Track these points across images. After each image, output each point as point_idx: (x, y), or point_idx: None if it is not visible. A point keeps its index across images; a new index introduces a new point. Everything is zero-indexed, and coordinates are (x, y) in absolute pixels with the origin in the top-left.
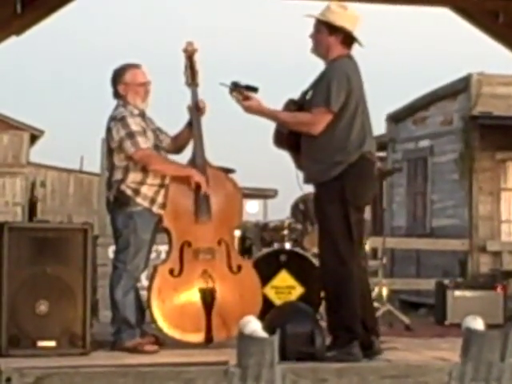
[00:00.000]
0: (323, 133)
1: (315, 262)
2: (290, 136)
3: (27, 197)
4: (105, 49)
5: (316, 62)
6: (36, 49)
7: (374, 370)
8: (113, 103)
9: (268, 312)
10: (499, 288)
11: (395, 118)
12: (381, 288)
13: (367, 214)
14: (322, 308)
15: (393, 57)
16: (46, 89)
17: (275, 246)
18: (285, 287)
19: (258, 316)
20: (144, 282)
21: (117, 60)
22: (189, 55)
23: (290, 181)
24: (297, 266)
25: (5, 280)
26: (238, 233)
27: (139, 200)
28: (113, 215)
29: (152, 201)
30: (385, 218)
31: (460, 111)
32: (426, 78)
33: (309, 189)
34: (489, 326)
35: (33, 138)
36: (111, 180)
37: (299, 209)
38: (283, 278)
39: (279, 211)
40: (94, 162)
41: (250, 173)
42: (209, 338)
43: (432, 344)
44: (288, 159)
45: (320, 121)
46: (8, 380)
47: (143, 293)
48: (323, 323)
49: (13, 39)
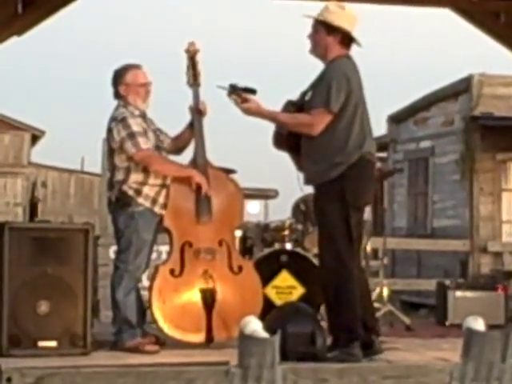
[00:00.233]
0: (323, 134)
1: (316, 263)
2: (290, 137)
3: (28, 197)
4: (106, 49)
5: (315, 63)
6: (37, 49)
7: (375, 371)
8: (113, 103)
9: (269, 312)
10: (500, 288)
11: (396, 119)
12: (382, 288)
13: (368, 215)
14: (323, 308)
15: (394, 57)
16: (47, 89)
17: (276, 247)
18: (285, 287)
19: (259, 316)
20: (145, 282)
21: (118, 60)
22: (191, 55)
23: (291, 181)
24: (298, 267)
25: (5, 280)
26: (239, 233)
27: (141, 200)
28: (114, 215)
29: (153, 201)
30: (386, 219)
31: (461, 112)
32: (427, 79)
33: (309, 189)
34: (490, 327)
35: (34, 139)
36: (113, 180)
37: (300, 209)
38: (284, 279)
39: (280, 212)
40: (95, 163)
41: (251, 173)
42: (209, 339)
43: (433, 344)
44: (288, 160)
45: (319, 121)
46: (9, 380)
47: (144, 293)
48: (324, 323)
49: (14, 39)
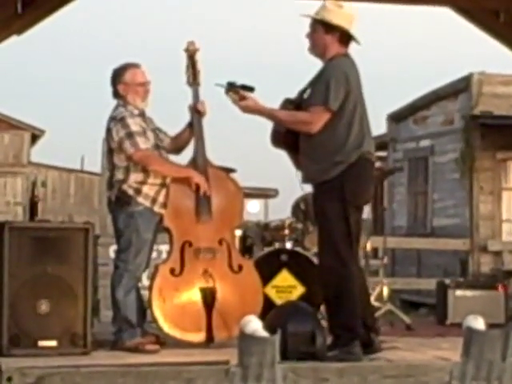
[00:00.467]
0: (322, 132)
1: (316, 262)
2: (288, 135)
3: (28, 196)
4: (105, 48)
5: (314, 61)
6: (37, 48)
7: (375, 370)
8: (113, 103)
9: (269, 311)
10: (500, 287)
11: (396, 118)
12: (382, 287)
13: (368, 214)
14: (323, 307)
15: (394, 56)
16: (47, 88)
17: (276, 246)
18: (286, 287)
19: (259, 315)
20: (145, 282)
21: (117, 59)
22: (190, 54)
23: (291, 180)
24: (298, 266)
25: (6, 279)
26: (239, 232)
27: (141, 200)
28: (114, 215)
29: (153, 200)
30: (386, 218)
31: (461, 111)
32: (427, 78)
33: (309, 188)
34: (490, 326)
35: (34, 138)
36: (112, 180)
37: (300, 208)
38: (284, 278)
39: (280, 211)
40: (95, 162)
41: (251, 172)
42: (209, 338)
43: (433, 343)
44: (288, 159)
45: (318, 120)
46: (9, 379)
47: (144, 292)
48: (324, 323)
49: (13, 38)
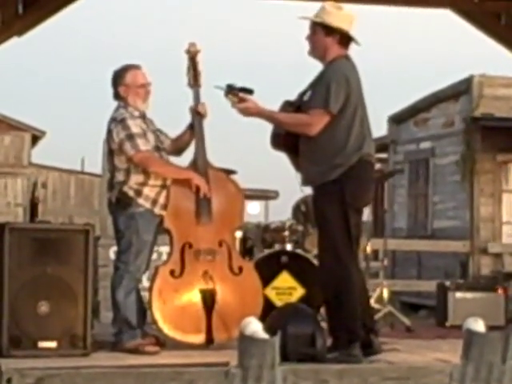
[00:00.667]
0: (322, 134)
1: (316, 264)
2: (288, 137)
3: (28, 197)
4: (106, 49)
5: (314, 63)
6: (37, 50)
7: (375, 372)
8: (114, 104)
9: (269, 313)
10: (500, 290)
11: (397, 120)
12: (382, 289)
13: (368, 216)
14: (323, 309)
15: (394, 58)
16: (48, 90)
17: (276, 247)
18: (286, 288)
19: (259, 317)
20: (145, 283)
21: (118, 60)
22: (191, 56)
23: (291, 182)
24: (298, 268)
25: (6, 280)
26: (239, 234)
27: (141, 201)
28: (115, 216)
29: (154, 202)
30: (386, 220)
31: (462, 113)
32: (428, 80)
33: (310, 190)
34: (490, 328)
35: (34, 139)
36: (113, 181)
37: (300, 210)
38: (284, 279)
39: (280, 212)
40: (95, 163)
41: (252, 174)
42: (209, 339)
43: (433, 345)
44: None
45: (317, 122)
46: (9, 381)
47: (144, 294)
48: (324, 324)
49: (14, 40)
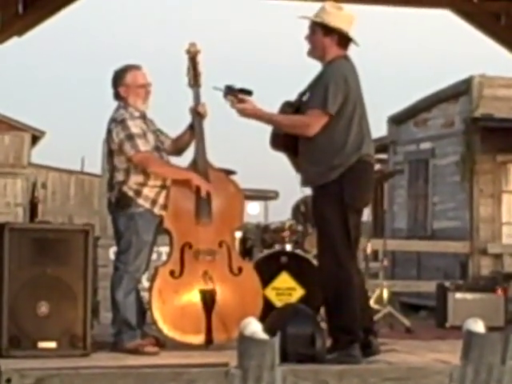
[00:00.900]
0: (321, 135)
1: (316, 264)
2: (287, 138)
3: (28, 198)
4: (106, 49)
5: (314, 64)
6: (37, 50)
7: (375, 372)
8: (114, 104)
9: (268, 314)
10: (500, 290)
11: (397, 120)
12: (381, 290)
13: (368, 216)
14: (323, 310)
15: (394, 58)
16: (48, 90)
17: (276, 248)
18: (285, 289)
19: (259, 318)
20: (145, 284)
21: (118, 61)
22: (191, 56)
23: (291, 182)
24: (297, 268)
25: (5, 281)
26: (239, 234)
27: (141, 201)
28: (114, 216)
29: (153, 202)
30: (386, 220)
31: (461, 113)
32: (428, 80)
33: (309, 191)
34: (489, 329)
35: (34, 139)
36: (113, 181)
37: (300, 210)
38: (284, 280)
39: (280, 213)
40: (95, 163)
41: (251, 174)
42: (209, 340)
43: (433, 346)
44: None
45: (315, 123)
46: (8, 381)
47: (144, 294)
48: (324, 325)
49: (14, 40)
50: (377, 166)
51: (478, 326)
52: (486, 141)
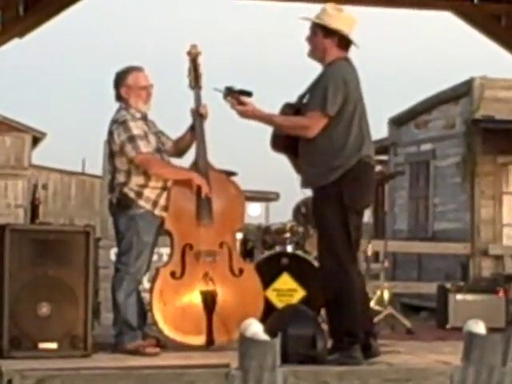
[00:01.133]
0: (321, 137)
1: (317, 265)
2: (288, 140)
3: (29, 199)
4: (107, 51)
5: (315, 65)
6: (38, 51)
7: (376, 374)
8: (115, 106)
9: (269, 315)
10: (501, 292)
11: (397, 122)
12: (382, 291)
13: (369, 218)
14: (324, 311)
15: (395, 60)
16: (48, 91)
17: (277, 249)
18: (286, 290)
19: (260, 319)
20: (146, 285)
21: (120, 62)
22: (192, 58)
23: (292, 184)
24: (298, 269)
25: (6, 282)
26: (240, 235)
27: (142, 203)
28: (115, 218)
29: (154, 203)
30: (386, 222)
31: (462, 115)
32: (429, 82)
33: (310, 192)
34: (490, 330)
35: (35, 141)
36: (114, 183)
37: (301, 212)
38: (285, 281)
39: (281, 214)
40: (96, 165)
41: (252, 176)
42: (210, 341)
43: (433, 347)
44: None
45: (315, 124)
46: (9, 382)
47: (145, 295)
48: (325, 326)
49: (15, 41)
50: (378, 168)
51: (479, 328)
52: (487, 142)
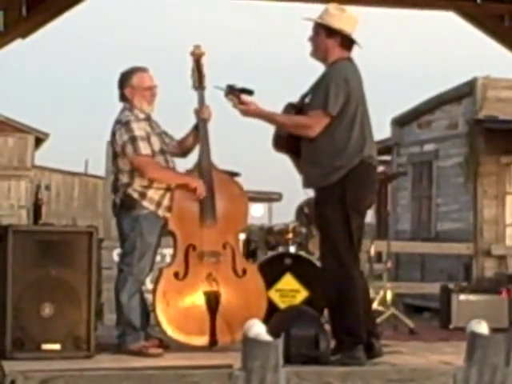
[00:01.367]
0: (323, 137)
1: (320, 266)
2: (290, 140)
3: (32, 200)
4: (111, 52)
5: (317, 65)
6: (41, 52)
7: (379, 374)
8: (119, 106)
9: (272, 315)
10: (504, 292)
11: (400, 122)
12: (385, 292)
13: (372, 218)
14: (327, 312)
15: (398, 60)
16: (51, 92)
17: (280, 250)
18: (289, 291)
19: (263, 319)
20: (149, 286)
21: (123, 63)
22: (196, 58)
23: (295, 184)
24: (301, 270)
25: (9, 282)
26: (243, 236)
27: (145, 203)
28: (119, 218)
29: (158, 204)
30: (389, 222)
31: (465, 115)
32: (431, 82)
33: (313, 192)
34: (493, 330)
35: (38, 141)
36: (117, 183)
37: (304, 212)
38: (288, 282)
39: (284, 214)
40: (99, 165)
41: (255, 176)
42: (213, 342)
43: (436, 348)
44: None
45: (316, 124)
46: (12, 383)
47: (148, 296)
48: (327, 327)
49: (18, 42)
50: (380, 168)
51: (482, 328)
52: (490, 142)
